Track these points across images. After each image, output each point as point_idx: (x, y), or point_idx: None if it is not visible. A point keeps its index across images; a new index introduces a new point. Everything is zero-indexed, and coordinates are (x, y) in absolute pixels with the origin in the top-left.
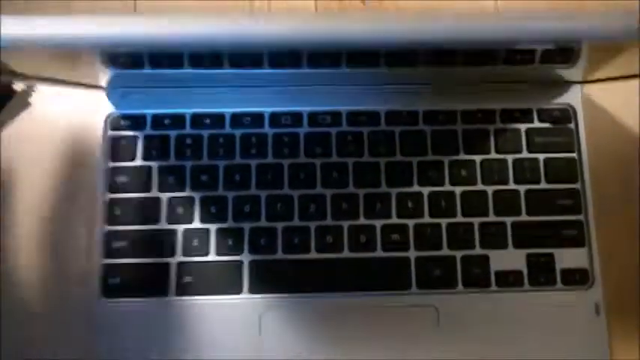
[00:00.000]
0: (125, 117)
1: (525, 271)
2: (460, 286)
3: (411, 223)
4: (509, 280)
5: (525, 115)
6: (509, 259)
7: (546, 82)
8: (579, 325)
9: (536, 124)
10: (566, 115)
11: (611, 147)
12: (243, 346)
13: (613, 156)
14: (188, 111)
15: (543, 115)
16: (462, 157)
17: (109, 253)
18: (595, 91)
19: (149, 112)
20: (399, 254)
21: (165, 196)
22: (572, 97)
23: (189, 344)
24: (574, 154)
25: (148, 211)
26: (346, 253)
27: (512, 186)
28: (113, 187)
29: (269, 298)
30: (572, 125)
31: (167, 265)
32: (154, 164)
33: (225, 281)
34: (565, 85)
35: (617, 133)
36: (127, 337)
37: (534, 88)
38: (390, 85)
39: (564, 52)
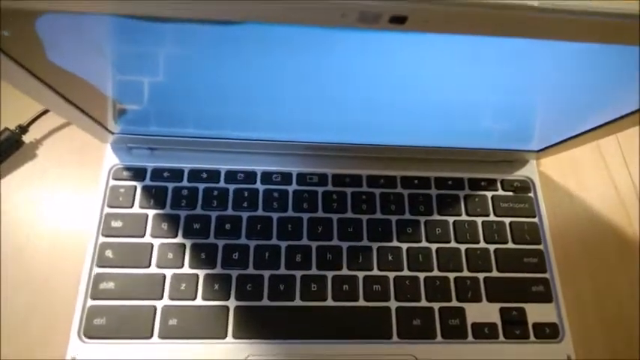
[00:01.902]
0: (127, 169)
1: (499, 324)
2: (439, 337)
3: (391, 275)
4: (484, 331)
5: (490, 184)
6: (484, 311)
7: (507, 155)
8: None
9: (501, 192)
10: (526, 185)
11: (568, 214)
12: None
13: (569, 221)
14: (186, 166)
15: (506, 185)
16: (436, 217)
17: (97, 294)
18: (548, 166)
19: (150, 165)
20: (380, 304)
21: (157, 242)
22: (530, 171)
23: None
24: (535, 219)
25: (139, 255)
26: (329, 302)
27: (482, 245)
28: (107, 231)
29: (253, 344)
30: (531, 194)
31: (153, 308)
32: (150, 212)
33: (210, 326)
34: (523, 160)
35: (572, 202)
36: None
37: (497, 162)
38: (370, 150)
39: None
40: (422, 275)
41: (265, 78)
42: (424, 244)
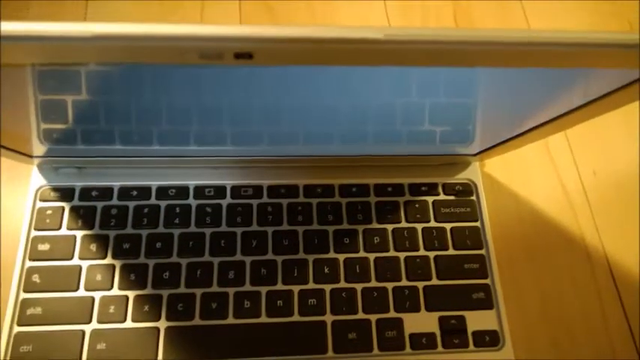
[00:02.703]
0: (55, 189)
1: (438, 333)
2: (376, 350)
3: (327, 288)
4: (422, 342)
5: (432, 189)
6: (423, 321)
7: (448, 158)
8: None
9: (442, 197)
10: (468, 189)
11: (512, 217)
12: None
13: (513, 223)
14: (116, 184)
15: (447, 189)
16: (375, 225)
17: (23, 320)
18: (493, 167)
19: (78, 184)
20: (316, 318)
21: (85, 264)
22: (472, 173)
23: None
24: (477, 223)
25: (67, 278)
26: (264, 318)
27: (422, 252)
28: (33, 255)
29: None
30: (474, 197)
31: (81, 332)
32: (78, 233)
33: (139, 348)
34: (465, 162)
35: (516, 204)
36: None
37: (438, 165)
38: (307, 160)
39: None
40: (359, 287)
41: (182, 95)
42: (362, 254)
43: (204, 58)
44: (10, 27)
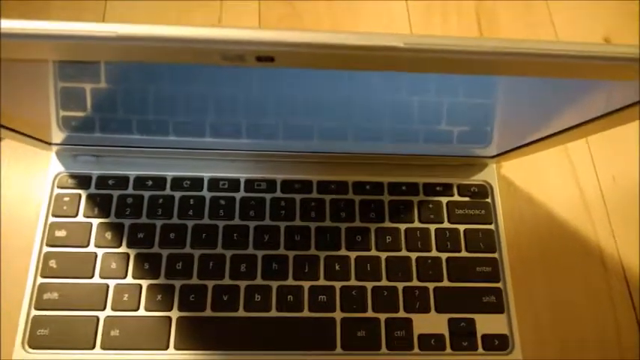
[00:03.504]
0: (72, 176)
1: (447, 335)
2: (384, 349)
3: (337, 285)
4: (431, 343)
5: (446, 190)
6: (432, 322)
7: (465, 159)
8: None
9: (457, 198)
10: (484, 190)
11: (527, 220)
12: None
13: (528, 227)
14: (132, 173)
15: (463, 190)
16: (388, 224)
17: (41, 304)
18: (510, 169)
19: (95, 172)
20: (325, 315)
21: (101, 252)
22: (489, 175)
23: None
24: (491, 226)
25: (83, 265)
26: (273, 313)
27: (434, 253)
28: (51, 241)
29: (195, 356)
30: (489, 200)
31: (96, 318)
32: (94, 221)
33: (152, 336)
34: (482, 163)
35: (532, 207)
36: None
37: (455, 166)
38: (323, 156)
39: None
40: (369, 285)
41: (199, 87)
42: (373, 252)
43: (227, 60)
44: (32, 25)
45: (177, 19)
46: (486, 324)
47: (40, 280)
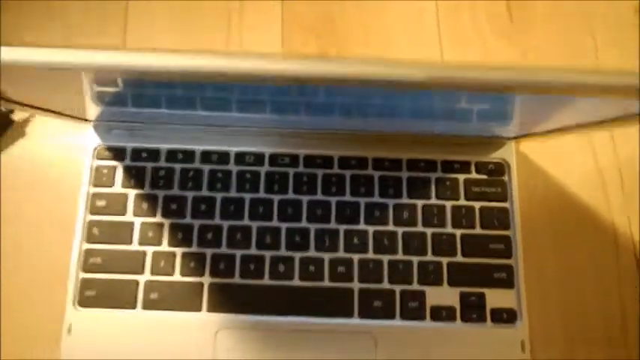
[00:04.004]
0: (108, 149)
1: (458, 308)
2: (398, 318)
3: (356, 257)
4: (442, 314)
5: (464, 167)
6: (444, 295)
7: (484, 139)
8: None
9: (474, 175)
10: (501, 168)
11: (543, 199)
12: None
13: (544, 207)
14: (163, 146)
15: (480, 168)
16: (405, 200)
17: (87, 268)
18: (529, 146)
19: (129, 145)
20: (344, 285)
21: (138, 221)
22: (507, 153)
23: (151, 352)
24: (506, 204)
25: (122, 232)
26: (296, 281)
27: (449, 229)
28: (93, 210)
29: (224, 317)
30: (505, 178)
31: (136, 282)
32: (130, 192)
33: (186, 299)
34: (500, 142)
35: (548, 185)
36: (97, 340)
37: (473, 143)
38: (344, 132)
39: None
40: (386, 258)
41: None
42: (391, 227)
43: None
44: (103, 57)
45: (197, 18)
46: (496, 298)
47: (85, 245)
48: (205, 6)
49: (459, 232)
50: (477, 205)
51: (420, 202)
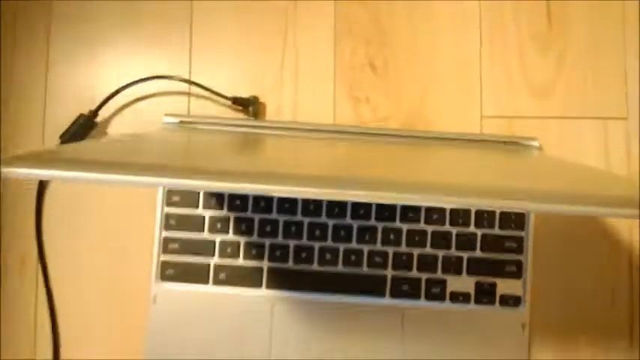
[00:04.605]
0: None
1: (473, 294)
2: (422, 299)
3: (390, 250)
4: (459, 298)
5: None
6: (462, 283)
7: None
8: (508, 337)
9: None
10: None
11: None
12: (259, 326)
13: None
14: None
15: None
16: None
17: (167, 251)
18: (550, 142)
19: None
20: (379, 272)
21: (208, 214)
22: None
23: (220, 320)
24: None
25: (195, 223)
26: (340, 268)
27: (472, 229)
28: (169, 203)
29: (280, 294)
30: None
31: (208, 264)
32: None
33: (249, 279)
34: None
35: None
36: (176, 308)
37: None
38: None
39: None
40: (416, 251)
41: None
42: (422, 226)
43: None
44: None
45: (259, 17)
46: (505, 286)
47: (164, 233)
48: (265, 7)
49: (480, 232)
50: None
51: (448, 206)
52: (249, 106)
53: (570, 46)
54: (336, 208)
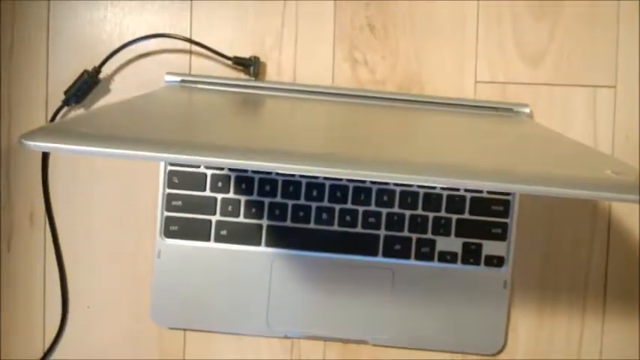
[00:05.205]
0: None
1: (460, 253)
2: (412, 258)
3: (384, 211)
4: (447, 258)
5: None
6: (450, 244)
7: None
8: (491, 294)
9: None
10: None
11: None
12: (258, 281)
13: None
14: None
15: None
16: None
17: (170, 208)
18: (540, 110)
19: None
20: (373, 231)
21: (209, 172)
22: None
23: (221, 273)
24: None
25: (197, 182)
26: (335, 227)
27: (461, 193)
28: (173, 163)
29: (279, 252)
30: None
31: (209, 221)
32: None
33: (249, 236)
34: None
35: None
36: (179, 263)
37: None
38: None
39: None
40: (407, 213)
41: None
42: (414, 189)
43: None
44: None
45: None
46: (490, 248)
47: (167, 190)
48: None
49: (469, 195)
50: None
51: None
52: (249, 66)
53: (564, 15)
54: None
